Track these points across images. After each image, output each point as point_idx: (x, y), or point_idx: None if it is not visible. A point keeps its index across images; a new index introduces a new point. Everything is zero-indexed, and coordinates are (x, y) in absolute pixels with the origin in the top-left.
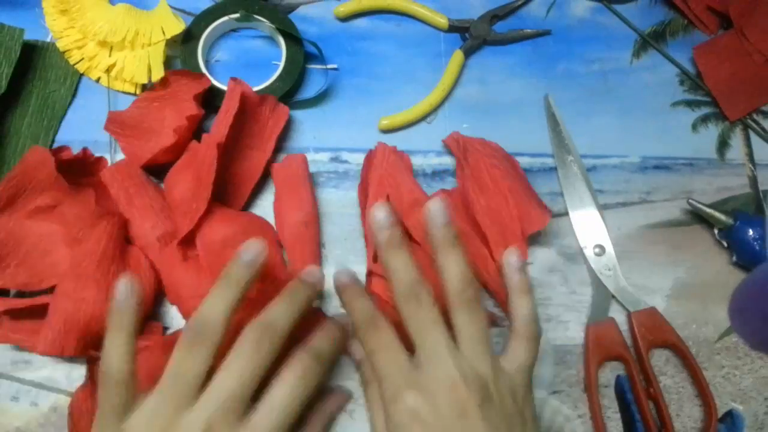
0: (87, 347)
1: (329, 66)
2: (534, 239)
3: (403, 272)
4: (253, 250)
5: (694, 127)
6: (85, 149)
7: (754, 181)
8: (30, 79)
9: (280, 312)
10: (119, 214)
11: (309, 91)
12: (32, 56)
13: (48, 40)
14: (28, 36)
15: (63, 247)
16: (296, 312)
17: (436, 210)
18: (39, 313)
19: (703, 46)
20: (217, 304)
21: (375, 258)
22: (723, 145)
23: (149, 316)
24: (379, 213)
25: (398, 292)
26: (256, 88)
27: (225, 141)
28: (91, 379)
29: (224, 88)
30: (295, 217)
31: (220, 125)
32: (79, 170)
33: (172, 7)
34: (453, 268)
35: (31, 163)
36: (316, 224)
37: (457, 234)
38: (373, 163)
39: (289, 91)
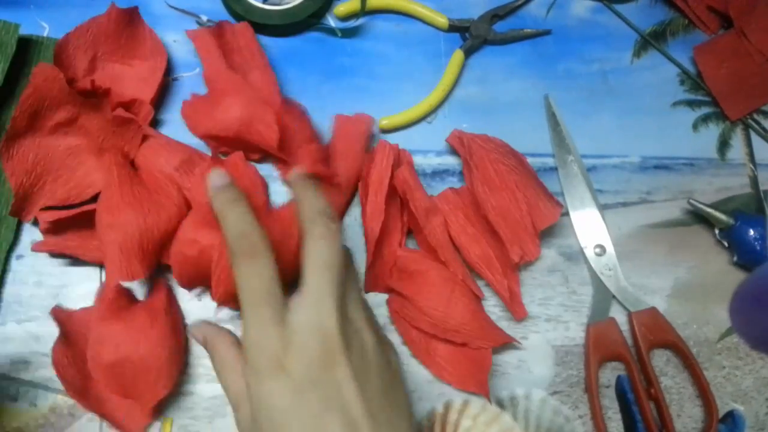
0: (152, 265)
1: None
2: None
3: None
4: (215, 177)
5: (695, 126)
6: (92, 80)
7: (754, 181)
8: (26, 74)
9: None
10: (121, 146)
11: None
12: (28, 51)
13: (44, 35)
14: (24, 31)
15: (91, 157)
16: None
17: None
18: (88, 221)
19: (703, 46)
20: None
21: (375, 257)
22: (723, 145)
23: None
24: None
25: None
26: (283, 6)
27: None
28: (62, 334)
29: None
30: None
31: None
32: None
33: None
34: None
35: (41, 81)
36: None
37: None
38: (374, 161)
39: (317, 11)
